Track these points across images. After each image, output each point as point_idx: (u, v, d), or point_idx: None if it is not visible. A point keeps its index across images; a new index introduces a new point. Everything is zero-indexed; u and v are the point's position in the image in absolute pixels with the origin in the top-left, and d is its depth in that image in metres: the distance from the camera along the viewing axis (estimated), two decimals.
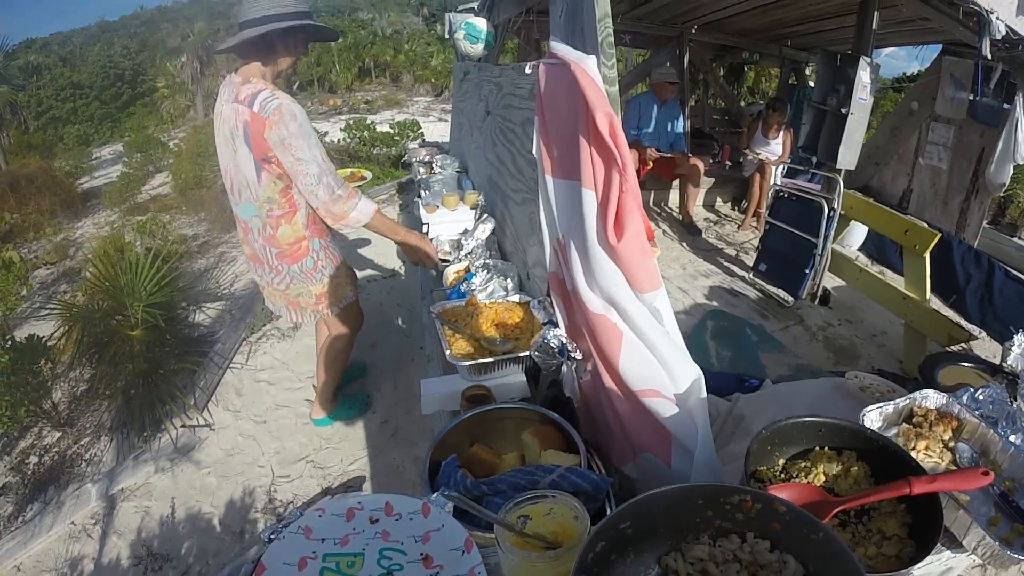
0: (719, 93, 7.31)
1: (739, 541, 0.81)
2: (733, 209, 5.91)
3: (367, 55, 24.92)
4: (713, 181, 5.75)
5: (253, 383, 3.20)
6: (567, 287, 1.47)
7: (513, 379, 1.69)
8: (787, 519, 0.78)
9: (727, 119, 7.02)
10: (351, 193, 2.01)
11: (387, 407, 2.89)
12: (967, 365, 1.66)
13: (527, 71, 1.61)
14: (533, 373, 1.74)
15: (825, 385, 1.68)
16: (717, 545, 0.82)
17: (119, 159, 11.53)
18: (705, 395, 1.22)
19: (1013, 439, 1.19)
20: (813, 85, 4.44)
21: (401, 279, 4.29)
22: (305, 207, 2.07)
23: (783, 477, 1.13)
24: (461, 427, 1.29)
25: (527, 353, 1.60)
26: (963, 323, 3.30)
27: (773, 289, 3.99)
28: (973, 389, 1.31)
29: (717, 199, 5.95)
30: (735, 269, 4.44)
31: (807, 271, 3.63)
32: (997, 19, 2.31)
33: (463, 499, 0.88)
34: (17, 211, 7.82)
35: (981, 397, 1.29)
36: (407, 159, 5.30)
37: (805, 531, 0.77)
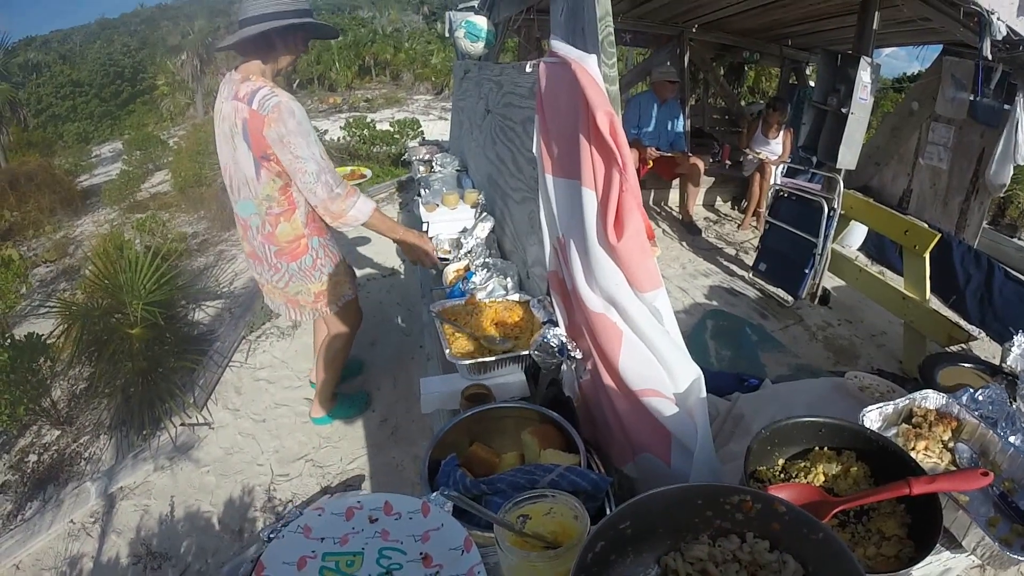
0: (719, 92, 7.30)
1: (739, 541, 0.81)
2: (733, 208, 5.91)
3: (367, 53, 24.92)
4: (713, 180, 5.75)
5: (252, 381, 3.19)
6: (567, 286, 1.47)
7: (513, 378, 1.69)
8: (787, 519, 0.78)
9: (727, 118, 7.01)
10: (349, 191, 2.00)
11: (386, 406, 2.89)
12: (967, 365, 1.66)
13: (527, 70, 1.61)
14: (533, 372, 1.73)
15: (825, 385, 1.68)
16: (717, 545, 0.82)
17: (119, 157, 11.54)
18: (705, 394, 1.21)
19: (1012, 440, 1.19)
20: (813, 85, 4.44)
21: (401, 278, 4.28)
22: (304, 205, 2.07)
23: (783, 477, 1.13)
24: (461, 426, 1.28)
25: (527, 352, 1.60)
26: (963, 323, 3.30)
27: (773, 289, 3.99)
28: (973, 390, 1.31)
29: (717, 198, 5.95)
30: (735, 268, 4.44)
31: (807, 271, 3.63)
32: (998, 19, 2.31)
33: (463, 498, 0.88)
34: (17, 209, 7.83)
35: (981, 398, 1.29)
36: (407, 157, 5.30)
37: (805, 531, 0.77)
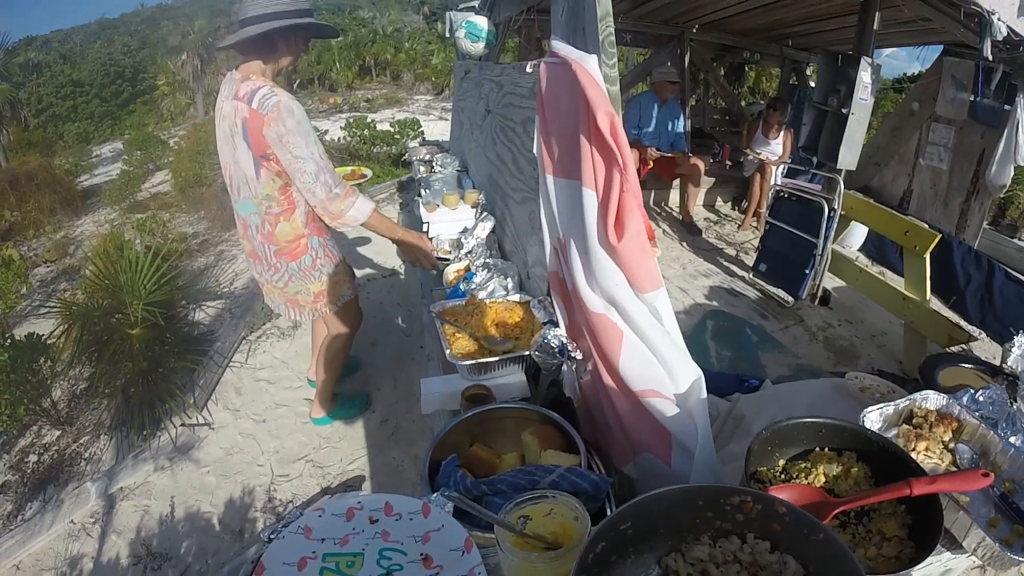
0: (720, 93, 7.31)
1: (739, 542, 0.81)
2: (733, 209, 5.91)
3: (367, 53, 24.94)
4: (713, 181, 5.75)
5: (253, 382, 3.19)
6: (567, 286, 1.47)
7: (513, 379, 1.69)
8: (787, 520, 0.78)
9: (728, 119, 7.01)
10: (349, 191, 2.00)
11: (387, 406, 2.89)
12: (967, 366, 1.66)
13: (528, 70, 1.61)
14: (533, 373, 1.73)
15: (825, 386, 1.68)
16: (717, 546, 0.81)
17: (119, 157, 11.55)
18: (705, 395, 1.21)
19: (1013, 440, 1.19)
20: (814, 85, 4.44)
21: (401, 278, 4.28)
22: (304, 205, 2.07)
23: (783, 478, 1.12)
24: (461, 427, 1.28)
25: (527, 353, 1.60)
26: (963, 324, 3.30)
27: (773, 289, 3.99)
28: (973, 390, 1.31)
29: (717, 199, 5.95)
30: (735, 269, 4.43)
31: (807, 271, 3.63)
32: (998, 20, 2.31)
33: (463, 499, 0.88)
34: (17, 209, 7.83)
35: (981, 398, 1.29)
36: (407, 158, 5.30)
37: (805, 532, 0.77)
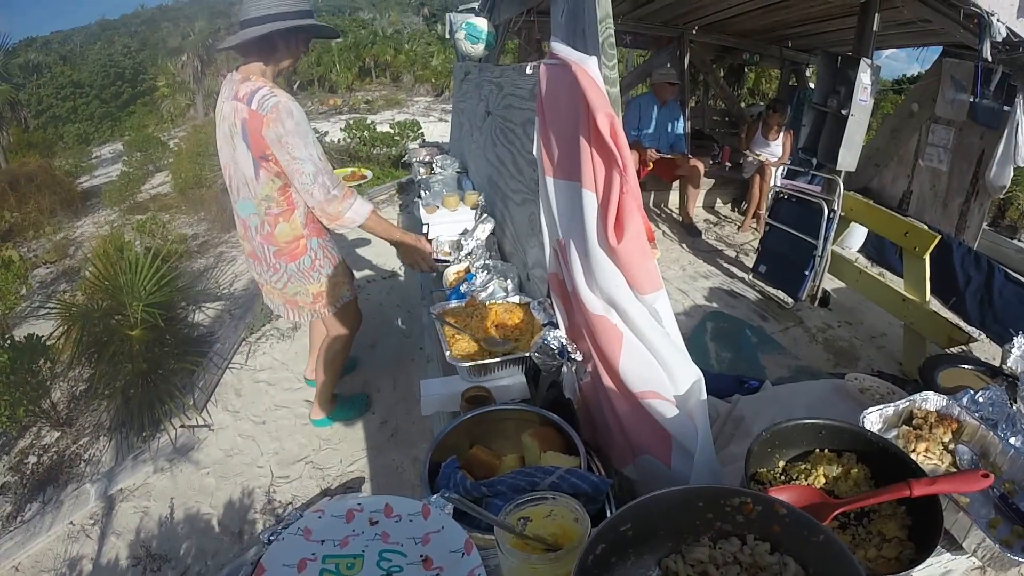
0: (719, 94, 7.32)
1: (739, 543, 0.81)
2: (733, 210, 5.91)
3: (367, 55, 24.97)
4: (713, 182, 5.75)
5: (252, 383, 3.19)
6: (567, 288, 1.47)
7: (513, 380, 1.68)
8: (787, 521, 0.78)
9: (727, 120, 7.02)
10: (347, 193, 2.01)
11: (386, 408, 2.89)
12: (967, 367, 1.66)
13: (528, 71, 1.61)
14: (533, 374, 1.73)
15: (825, 387, 1.68)
16: (717, 547, 0.81)
17: (119, 158, 11.54)
18: (705, 397, 1.21)
19: (1013, 441, 1.19)
20: (813, 87, 4.44)
21: (400, 280, 4.28)
22: (303, 206, 2.07)
23: (783, 479, 1.12)
24: (461, 428, 1.28)
25: (527, 354, 1.60)
26: (963, 325, 3.30)
27: (773, 291, 3.99)
28: (973, 391, 1.31)
29: (717, 200, 5.95)
30: (735, 270, 4.44)
31: (807, 273, 3.63)
32: (998, 21, 2.32)
33: (463, 501, 0.88)
34: (17, 210, 7.83)
35: (981, 399, 1.29)
36: (407, 159, 5.31)
37: (805, 533, 0.77)
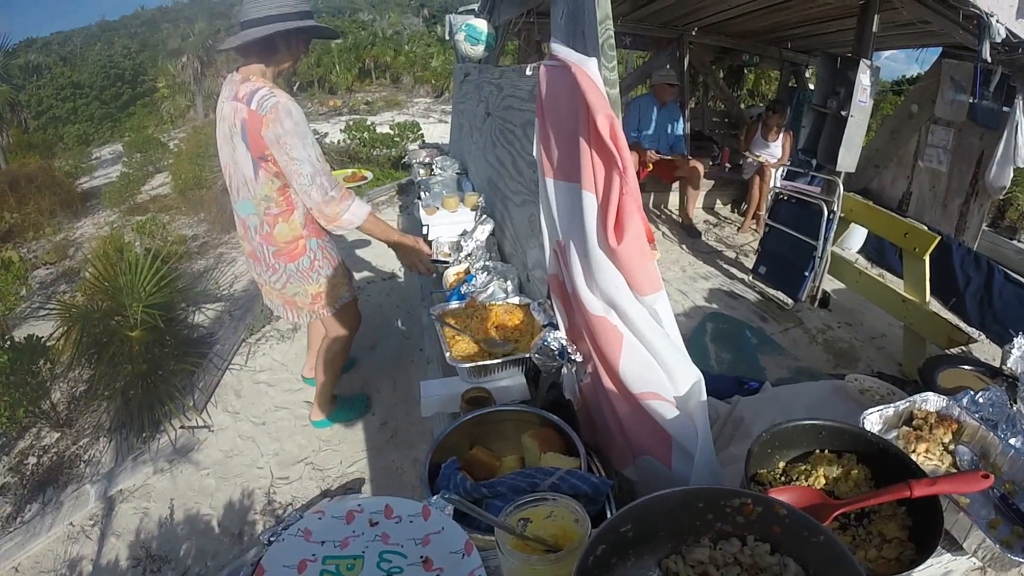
0: (719, 95, 7.31)
1: (739, 544, 0.81)
2: (733, 211, 5.91)
3: (367, 56, 24.96)
4: (713, 183, 5.76)
5: (252, 384, 3.19)
6: (567, 289, 1.47)
7: (513, 381, 1.68)
8: (788, 522, 0.78)
9: (727, 121, 7.02)
10: (344, 195, 2.01)
11: (386, 409, 2.89)
12: (967, 368, 1.66)
13: (528, 73, 1.61)
14: (533, 375, 1.73)
15: (825, 388, 1.68)
16: (718, 548, 0.81)
17: (119, 159, 11.55)
18: (705, 398, 1.21)
19: (1013, 442, 1.19)
20: (813, 88, 4.44)
21: (400, 281, 4.28)
22: (303, 206, 2.07)
23: (783, 480, 1.12)
24: (461, 429, 1.28)
25: (527, 355, 1.60)
26: (963, 326, 3.30)
27: (773, 292, 3.99)
28: (973, 392, 1.31)
29: (717, 201, 5.96)
30: (735, 271, 4.44)
31: (807, 273, 3.63)
32: (997, 22, 2.32)
33: (463, 502, 0.88)
34: (17, 211, 7.83)
35: (981, 400, 1.29)
36: (407, 160, 5.30)
37: (806, 534, 0.77)
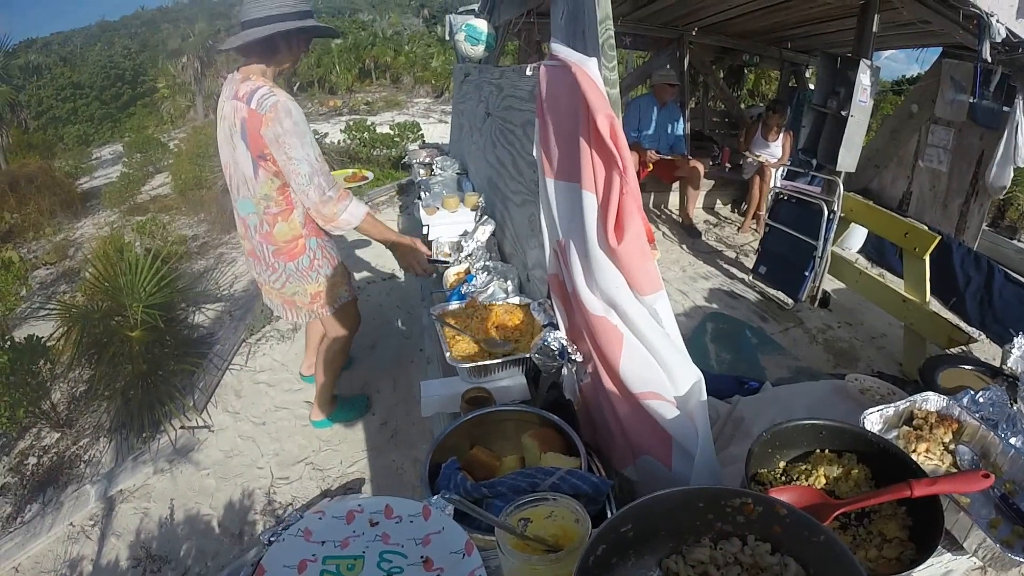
0: (719, 95, 7.31)
1: (740, 544, 0.81)
2: (733, 211, 5.91)
3: (367, 56, 24.96)
4: (713, 183, 5.76)
5: (252, 384, 3.19)
6: (567, 289, 1.47)
7: (513, 381, 1.68)
8: (788, 522, 0.78)
9: (727, 121, 7.02)
10: (342, 195, 2.01)
11: (386, 409, 2.89)
12: (967, 367, 1.66)
13: (528, 73, 1.61)
14: (533, 375, 1.73)
15: (825, 387, 1.68)
16: (718, 548, 0.81)
17: (119, 159, 11.54)
18: (705, 397, 1.21)
19: (1014, 441, 1.19)
20: (813, 88, 4.44)
21: (400, 281, 4.28)
22: (302, 206, 2.07)
23: (784, 480, 1.12)
24: (461, 429, 1.28)
25: (527, 355, 1.60)
26: (963, 326, 3.30)
27: (773, 291, 3.99)
28: (973, 391, 1.31)
29: (717, 201, 5.96)
30: (735, 271, 4.44)
31: (807, 273, 3.63)
32: (997, 22, 2.32)
33: (464, 502, 0.88)
34: (17, 211, 7.82)
35: (981, 399, 1.29)
36: (407, 161, 5.30)
37: (806, 534, 0.77)
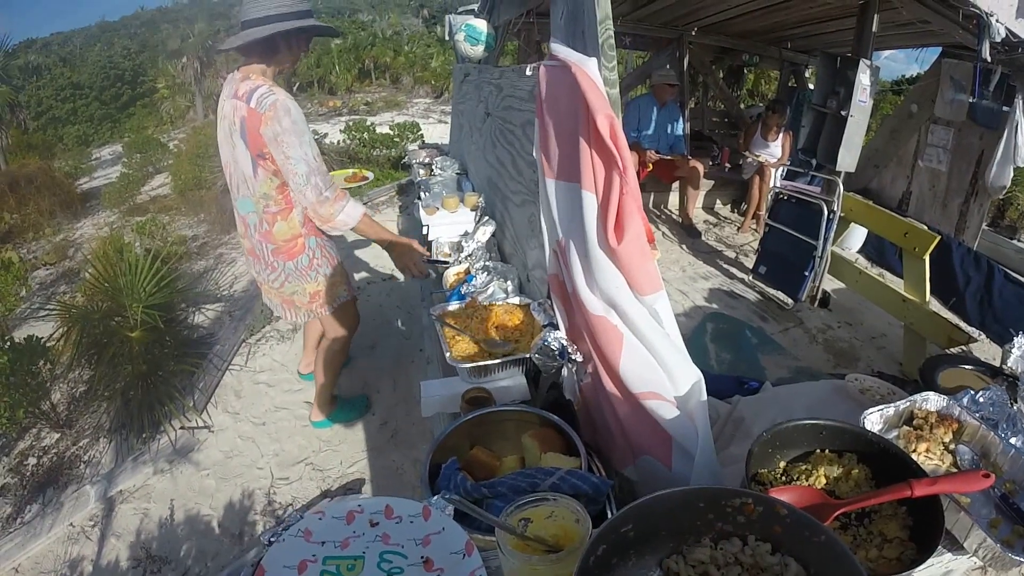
0: (719, 95, 7.31)
1: (740, 544, 0.81)
2: (733, 211, 5.91)
3: (367, 56, 24.95)
4: (713, 183, 5.76)
5: (252, 385, 3.19)
6: (567, 289, 1.47)
7: (513, 381, 1.68)
8: (788, 522, 0.78)
9: (727, 121, 7.02)
10: (339, 195, 2.02)
11: (386, 409, 2.89)
12: (967, 367, 1.66)
13: (527, 73, 1.62)
14: (533, 375, 1.73)
15: (825, 387, 1.68)
16: (718, 548, 0.81)
17: (119, 160, 11.53)
18: (705, 397, 1.21)
19: (1014, 441, 1.19)
20: (812, 88, 4.44)
21: (400, 281, 4.28)
22: (301, 205, 2.07)
23: (784, 480, 1.12)
24: (461, 429, 1.28)
25: (527, 355, 1.60)
26: (963, 325, 3.30)
27: (773, 291, 3.99)
28: (973, 391, 1.31)
29: (717, 201, 5.96)
30: (735, 271, 4.44)
31: (807, 273, 3.63)
32: (997, 22, 2.32)
33: (464, 502, 0.88)
34: (16, 211, 7.81)
35: (981, 399, 1.29)
36: (407, 161, 5.30)
37: (806, 534, 0.77)
